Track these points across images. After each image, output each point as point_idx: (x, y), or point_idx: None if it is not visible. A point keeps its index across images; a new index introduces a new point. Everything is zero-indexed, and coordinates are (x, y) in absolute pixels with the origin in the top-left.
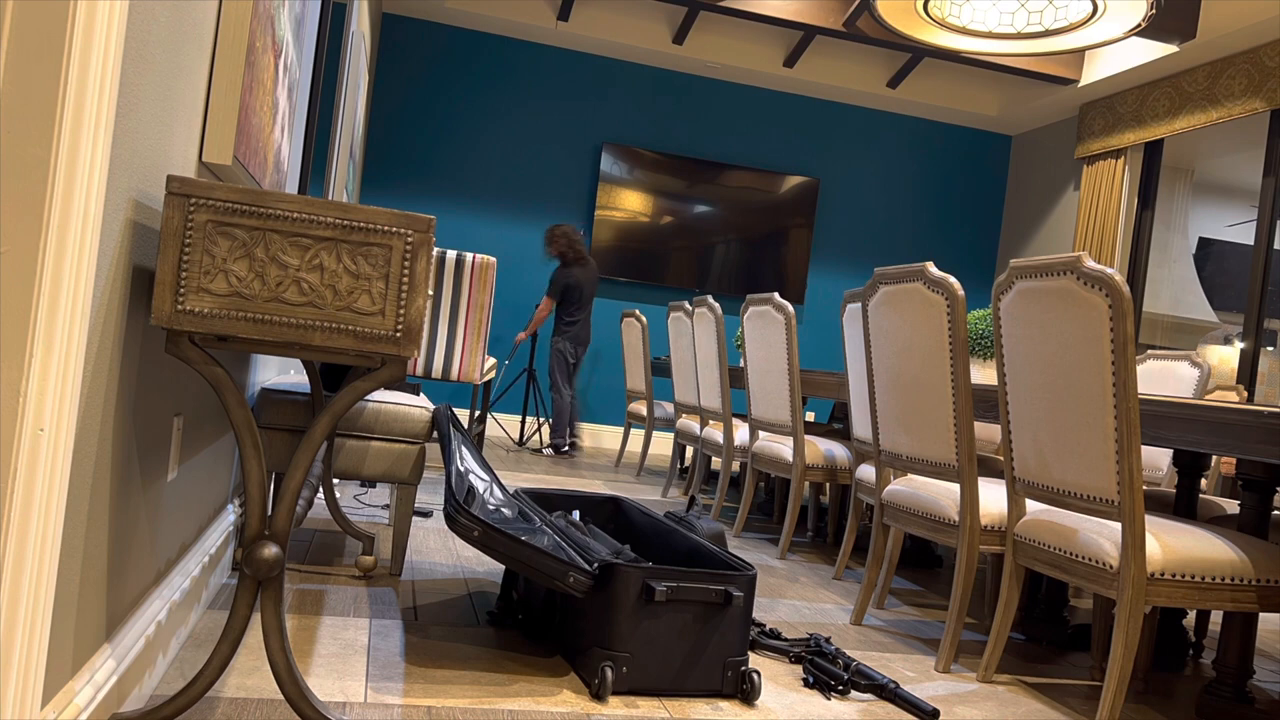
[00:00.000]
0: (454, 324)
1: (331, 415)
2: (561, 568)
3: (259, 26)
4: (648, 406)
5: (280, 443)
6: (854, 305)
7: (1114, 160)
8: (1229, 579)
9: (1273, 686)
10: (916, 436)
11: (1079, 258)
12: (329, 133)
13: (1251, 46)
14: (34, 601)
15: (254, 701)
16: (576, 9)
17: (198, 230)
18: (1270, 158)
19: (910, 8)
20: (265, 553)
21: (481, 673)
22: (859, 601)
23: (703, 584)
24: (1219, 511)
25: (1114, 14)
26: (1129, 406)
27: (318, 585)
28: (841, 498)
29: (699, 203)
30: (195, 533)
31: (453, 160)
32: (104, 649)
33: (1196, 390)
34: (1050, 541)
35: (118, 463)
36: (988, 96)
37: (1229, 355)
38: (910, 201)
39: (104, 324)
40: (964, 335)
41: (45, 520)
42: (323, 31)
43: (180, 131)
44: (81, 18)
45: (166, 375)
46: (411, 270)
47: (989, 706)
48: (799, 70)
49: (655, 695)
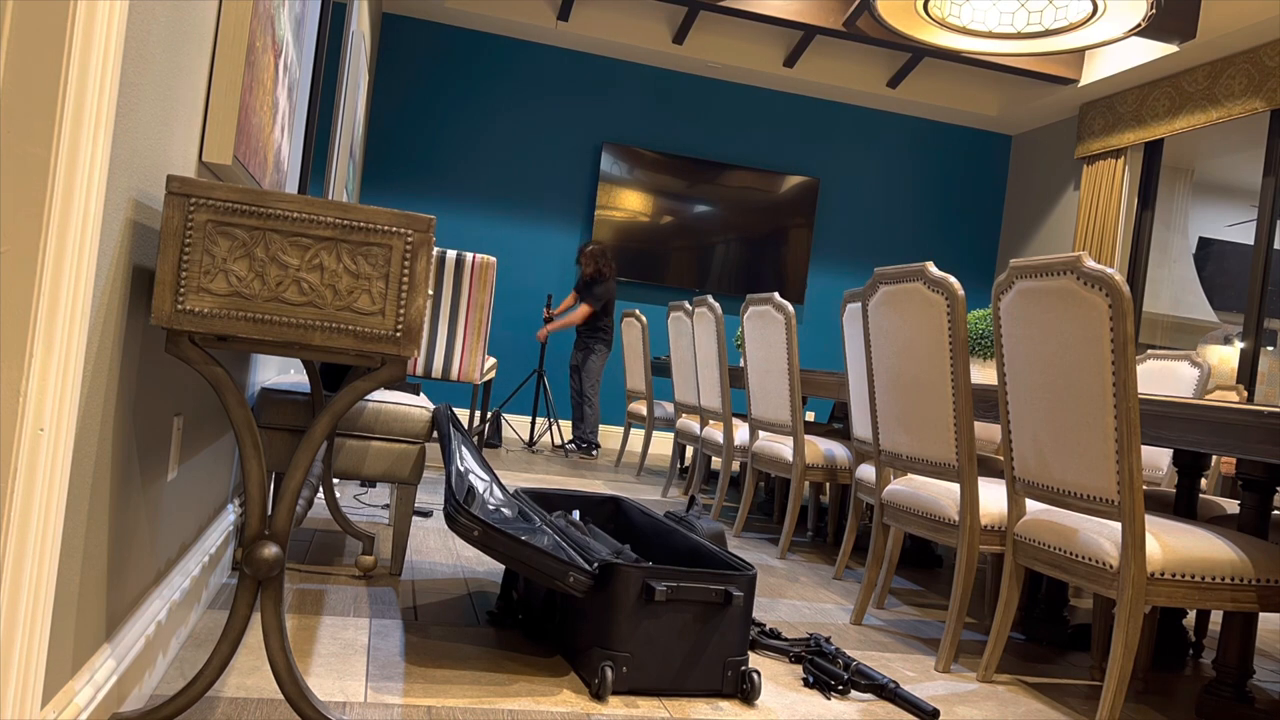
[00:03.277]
0: (454, 324)
1: (331, 415)
2: (562, 567)
3: (259, 26)
4: (648, 406)
5: (280, 443)
6: (854, 305)
7: (1114, 160)
8: (1229, 579)
9: (1273, 686)
10: (916, 436)
11: (1079, 257)
12: (329, 133)
13: (1251, 46)
14: (34, 601)
15: (254, 701)
16: (576, 9)
17: (198, 230)
18: (1270, 157)
19: (910, 8)
20: (265, 552)
21: (481, 672)
22: (859, 601)
23: (703, 584)
24: (1219, 511)
25: (1114, 14)
26: (1129, 406)
27: (318, 585)
28: (841, 498)
29: (699, 203)
30: (195, 532)
31: (453, 160)
32: (104, 649)
33: (1196, 390)
34: (1050, 541)
35: (118, 463)
36: (988, 96)
37: (1229, 355)
38: (910, 201)
39: (104, 324)
40: (964, 335)
41: (45, 520)
42: (323, 31)
43: (180, 131)
44: (81, 18)
45: (166, 375)
46: (411, 270)
47: (989, 706)
48: (799, 70)
49: (655, 695)
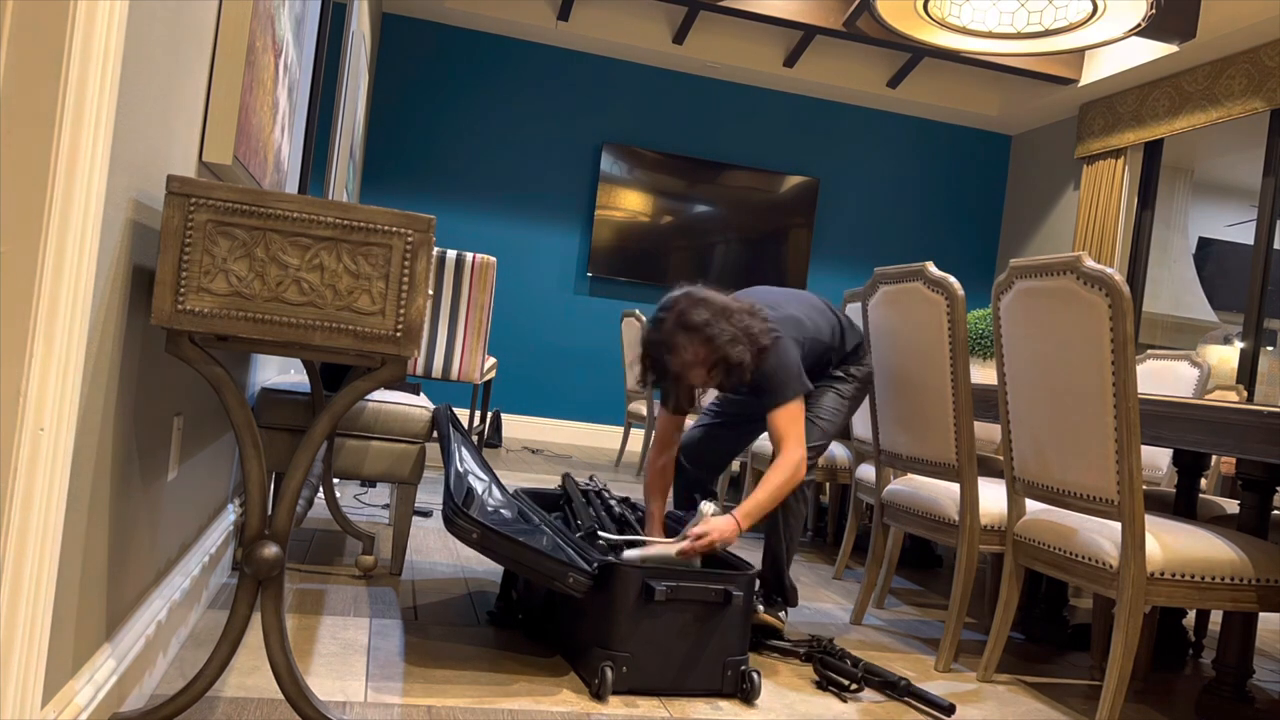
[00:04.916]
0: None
1: (331, 415)
2: (561, 568)
3: (259, 26)
4: (647, 406)
5: (280, 443)
6: (854, 305)
7: (1114, 160)
8: (1229, 579)
9: (1273, 686)
10: (916, 436)
11: (1079, 257)
12: (329, 133)
13: (1251, 46)
14: (34, 601)
15: (254, 701)
16: (576, 9)
17: (198, 230)
18: (1270, 157)
19: (910, 8)
20: (265, 552)
21: (481, 672)
22: (859, 601)
23: (702, 583)
24: (1219, 511)
25: (1114, 14)
26: (1129, 406)
27: (318, 585)
28: (841, 498)
29: (699, 203)
30: (195, 532)
31: (453, 160)
32: (104, 648)
33: (1196, 390)
34: (1050, 541)
35: (118, 463)
36: (988, 96)
37: (1229, 355)
38: (910, 201)
39: (104, 324)
40: (964, 335)
41: (45, 520)
42: (323, 31)
43: (180, 131)
44: (81, 18)
45: (166, 375)
46: (411, 270)
47: (989, 706)
48: (799, 70)
49: (655, 695)
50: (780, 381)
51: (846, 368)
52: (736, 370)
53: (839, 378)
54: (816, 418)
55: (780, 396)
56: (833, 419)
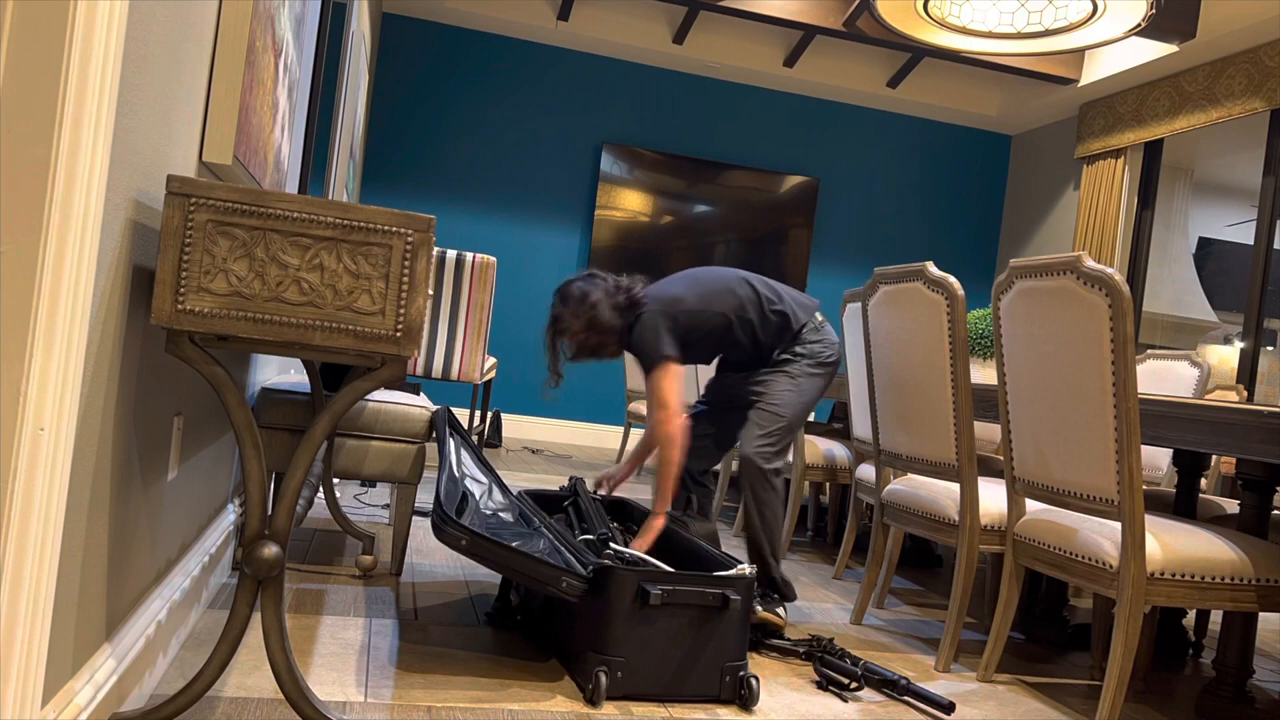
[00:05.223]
0: (454, 324)
1: (331, 415)
2: (554, 573)
3: (259, 26)
4: (648, 406)
5: (280, 443)
6: (854, 305)
7: (1114, 160)
8: (1229, 579)
9: (1273, 686)
10: (916, 436)
11: (1079, 257)
12: (329, 132)
13: (1251, 46)
14: (34, 601)
15: (254, 701)
16: (576, 9)
17: (198, 230)
18: (1270, 157)
19: (910, 8)
20: (265, 552)
21: (479, 676)
22: (859, 601)
23: (699, 587)
24: (1219, 511)
25: (1114, 14)
26: (1129, 406)
27: (318, 585)
28: (841, 497)
29: (699, 203)
30: (195, 532)
31: (452, 160)
32: (104, 648)
33: (1196, 390)
34: (1050, 541)
35: (118, 462)
36: (988, 96)
37: (1229, 355)
38: (910, 201)
39: (104, 324)
40: (964, 335)
41: (45, 520)
42: (323, 31)
43: (180, 131)
44: (81, 18)
45: (166, 375)
46: (411, 270)
47: (989, 706)
48: (799, 70)
49: (651, 701)
50: (644, 348)
51: (791, 348)
52: (606, 332)
53: (785, 360)
54: (769, 404)
55: (646, 360)
56: (787, 401)
